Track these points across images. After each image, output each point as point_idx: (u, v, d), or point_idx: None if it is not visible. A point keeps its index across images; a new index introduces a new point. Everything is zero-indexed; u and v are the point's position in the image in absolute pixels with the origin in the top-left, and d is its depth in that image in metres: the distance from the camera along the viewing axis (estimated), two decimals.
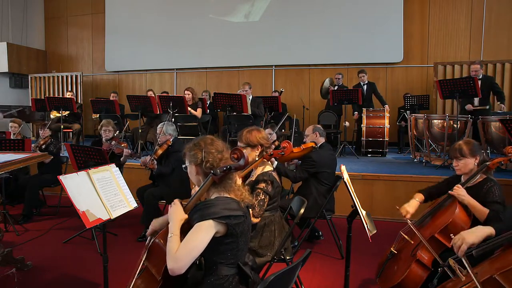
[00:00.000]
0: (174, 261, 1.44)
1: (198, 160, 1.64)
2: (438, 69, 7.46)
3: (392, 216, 4.30)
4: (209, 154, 1.63)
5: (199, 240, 1.47)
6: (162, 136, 4.09)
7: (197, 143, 1.68)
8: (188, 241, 1.47)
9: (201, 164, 1.63)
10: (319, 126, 3.82)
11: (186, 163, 1.70)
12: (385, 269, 2.46)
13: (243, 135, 2.54)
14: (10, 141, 4.34)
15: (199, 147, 1.66)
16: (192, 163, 1.67)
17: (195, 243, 1.46)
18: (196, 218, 1.52)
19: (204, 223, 1.48)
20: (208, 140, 1.68)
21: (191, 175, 1.70)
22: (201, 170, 1.64)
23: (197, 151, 1.65)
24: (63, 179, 2.09)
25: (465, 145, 2.41)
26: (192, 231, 1.49)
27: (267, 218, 2.47)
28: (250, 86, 6.34)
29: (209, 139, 1.69)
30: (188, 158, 1.69)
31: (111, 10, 9.77)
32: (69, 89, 9.29)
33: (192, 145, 1.69)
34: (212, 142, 1.67)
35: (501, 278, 1.62)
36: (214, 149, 1.65)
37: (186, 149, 1.71)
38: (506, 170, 4.75)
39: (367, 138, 6.46)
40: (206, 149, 1.64)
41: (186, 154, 1.70)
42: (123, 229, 4.09)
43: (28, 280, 2.97)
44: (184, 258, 1.44)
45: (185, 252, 1.44)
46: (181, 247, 1.46)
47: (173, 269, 1.43)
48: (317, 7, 8.32)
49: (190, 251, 1.45)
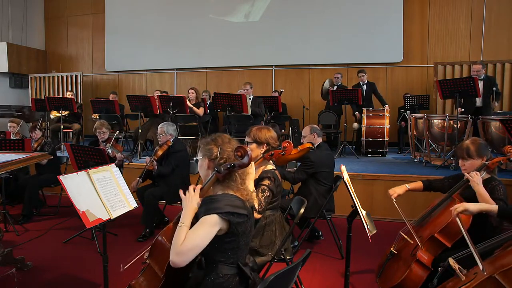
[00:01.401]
0: (177, 255, 1.44)
1: (212, 156, 1.66)
2: (438, 69, 7.46)
3: (392, 216, 4.30)
4: (224, 152, 1.65)
5: (203, 235, 1.48)
6: (163, 136, 4.09)
7: (214, 139, 1.70)
8: (192, 236, 1.48)
9: (215, 160, 1.65)
10: (316, 127, 3.81)
11: (199, 156, 1.72)
12: (385, 269, 2.46)
13: (252, 131, 2.57)
14: (10, 141, 4.34)
15: (216, 143, 1.68)
16: (205, 157, 1.68)
17: (199, 239, 1.47)
18: (201, 211, 1.53)
19: (208, 217, 1.49)
20: (226, 139, 1.70)
21: (201, 169, 1.71)
22: (213, 165, 1.66)
23: (214, 146, 1.67)
24: (63, 179, 2.09)
25: (472, 145, 2.39)
26: (197, 226, 1.50)
27: (268, 217, 2.48)
28: (251, 86, 6.35)
29: (227, 138, 1.71)
30: (202, 151, 1.70)
31: (111, 10, 9.76)
32: (69, 89, 9.28)
33: (209, 140, 1.71)
34: (230, 141, 1.70)
35: (501, 277, 1.63)
36: (230, 148, 1.67)
37: (202, 142, 1.74)
38: (506, 170, 4.75)
39: (367, 138, 6.46)
40: (223, 146, 1.66)
41: (201, 147, 1.72)
42: (123, 229, 4.09)
43: (28, 280, 2.97)
44: (187, 253, 1.45)
45: (189, 247, 1.45)
46: (186, 241, 1.46)
47: (175, 262, 1.45)
48: (317, 7, 8.32)
49: (194, 247, 1.46)
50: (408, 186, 2.64)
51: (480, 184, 2.26)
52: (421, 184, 2.68)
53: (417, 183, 2.69)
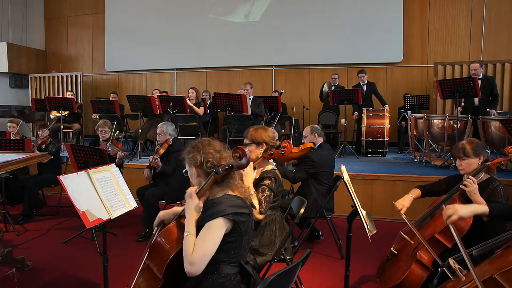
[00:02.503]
0: (190, 265, 1.45)
1: (197, 162, 1.65)
2: (438, 69, 7.46)
3: (392, 216, 4.30)
4: (208, 155, 1.65)
5: (211, 241, 1.48)
6: (162, 136, 4.09)
7: (194, 146, 1.70)
8: (201, 242, 1.48)
9: (201, 165, 1.65)
10: (316, 126, 3.81)
11: (186, 167, 1.72)
12: (385, 269, 2.46)
13: (249, 132, 2.59)
14: (10, 141, 4.33)
15: (196, 149, 1.68)
16: (192, 166, 1.68)
17: (208, 244, 1.47)
18: (205, 217, 1.53)
19: (214, 221, 1.49)
20: (205, 142, 1.71)
21: (192, 178, 1.71)
22: (202, 171, 1.66)
23: (195, 153, 1.67)
24: (63, 179, 2.09)
25: (468, 145, 2.39)
26: (204, 231, 1.50)
27: (268, 217, 2.48)
28: (251, 86, 6.35)
29: (206, 141, 1.72)
30: (187, 161, 1.71)
31: (111, 10, 9.77)
32: (69, 89, 9.28)
33: (190, 148, 1.71)
34: (210, 143, 1.70)
35: (501, 278, 1.62)
36: (212, 149, 1.67)
37: (184, 153, 1.73)
38: (506, 170, 4.75)
39: (367, 138, 6.46)
40: (204, 150, 1.66)
41: (185, 158, 1.71)
42: (123, 229, 4.09)
43: (28, 280, 2.96)
44: (200, 260, 1.45)
45: (201, 254, 1.45)
46: (196, 250, 1.46)
47: (190, 272, 1.45)
48: (317, 7, 8.32)
49: (204, 253, 1.46)
50: (412, 195, 2.59)
51: (477, 193, 2.24)
52: (419, 192, 2.64)
53: (416, 191, 2.63)
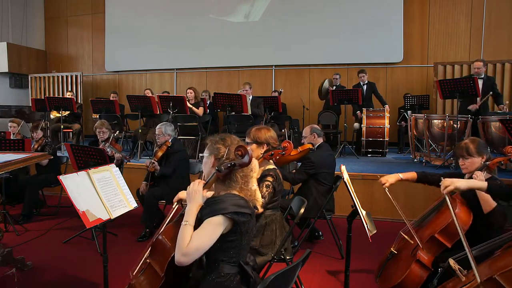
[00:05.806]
0: (183, 256, 1.46)
1: (219, 155, 1.66)
2: (438, 69, 7.46)
3: (392, 216, 4.30)
4: (231, 153, 1.64)
5: (208, 236, 1.49)
6: (161, 137, 4.08)
7: (223, 138, 1.70)
8: (198, 237, 1.48)
9: (221, 159, 1.65)
10: (316, 127, 3.80)
11: (206, 153, 1.72)
12: (385, 269, 2.45)
13: (252, 132, 2.59)
14: (10, 141, 4.34)
15: (224, 143, 1.67)
16: (212, 155, 1.68)
17: (205, 240, 1.48)
18: (206, 213, 1.53)
19: (213, 218, 1.50)
20: (235, 141, 1.70)
21: (205, 166, 1.72)
22: (218, 164, 1.66)
23: (222, 146, 1.67)
24: (63, 179, 2.09)
25: (471, 144, 2.40)
26: (202, 227, 1.51)
27: (268, 217, 2.48)
28: (251, 86, 6.35)
29: (236, 140, 1.71)
30: (210, 149, 1.70)
31: (111, 10, 9.76)
32: (69, 89, 9.28)
33: (218, 139, 1.70)
34: (238, 144, 1.69)
35: (501, 278, 1.62)
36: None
37: (209, 139, 1.73)
38: (506, 170, 4.75)
39: (367, 138, 6.46)
40: (231, 148, 1.66)
41: (209, 145, 1.71)
42: (123, 229, 4.09)
43: (28, 280, 2.97)
44: (192, 253, 1.47)
45: (195, 248, 1.46)
46: (191, 243, 1.47)
47: (182, 262, 1.47)
48: (317, 7, 8.31)
49: (199, 247, 1.47)
50: (401, 175, 2.59)
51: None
52: (414, 174, 2.63)
53: (410, 173, 2.63)
